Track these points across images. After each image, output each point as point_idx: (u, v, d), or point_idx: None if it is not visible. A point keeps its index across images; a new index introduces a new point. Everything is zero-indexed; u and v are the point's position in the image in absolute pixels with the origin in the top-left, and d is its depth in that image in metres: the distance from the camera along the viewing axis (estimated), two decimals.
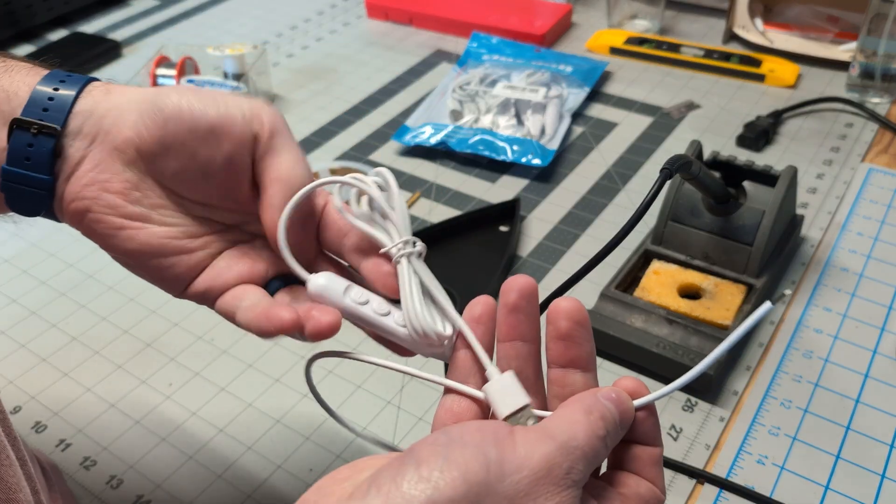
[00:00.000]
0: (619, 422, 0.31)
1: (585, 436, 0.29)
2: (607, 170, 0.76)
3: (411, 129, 0.80)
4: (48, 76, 0.37)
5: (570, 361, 0.33)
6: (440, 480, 0.26)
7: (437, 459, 0.27)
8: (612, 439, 0.31)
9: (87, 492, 0.48)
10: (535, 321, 0.34)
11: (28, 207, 0.38)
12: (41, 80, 0.37)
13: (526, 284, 0.33)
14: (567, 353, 0.33)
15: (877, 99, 0.83)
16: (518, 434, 0.28)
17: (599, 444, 0.29)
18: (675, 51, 0.92)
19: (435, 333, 0.35)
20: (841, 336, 0.57)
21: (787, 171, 0.58)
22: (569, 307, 0.32)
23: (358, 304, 0.36)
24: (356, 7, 1.11)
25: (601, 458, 0.30)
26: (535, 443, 0.28)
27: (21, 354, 0.58)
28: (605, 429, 0.30)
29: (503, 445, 0.28)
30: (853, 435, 0.50)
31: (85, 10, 1.12)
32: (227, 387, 0.55)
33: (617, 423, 0.31)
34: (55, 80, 0.37)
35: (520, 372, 0.33)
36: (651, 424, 0.33)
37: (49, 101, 0.36)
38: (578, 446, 0.29)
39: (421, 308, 0.35)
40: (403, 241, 0.36)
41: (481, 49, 0.94)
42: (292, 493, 0.48)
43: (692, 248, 0.59)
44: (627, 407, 0.32)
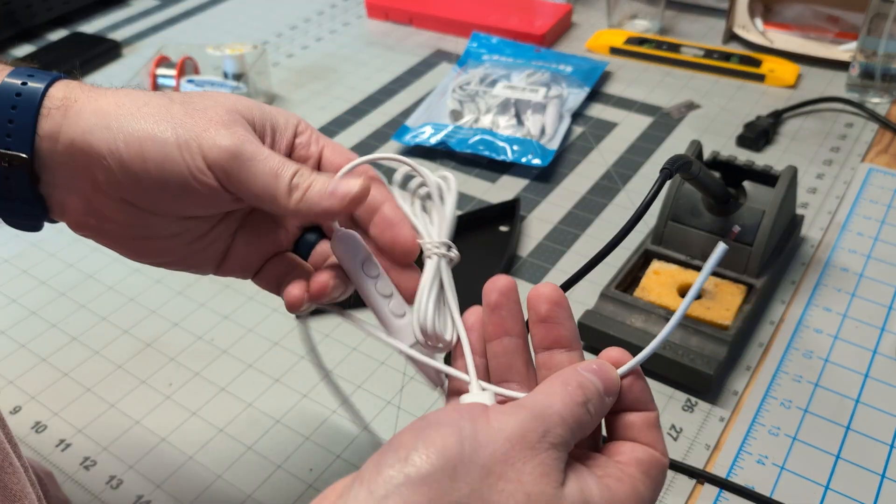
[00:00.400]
0: (603, 389, 0.32)
1: (562, 402, 0.30)
2: (607, 170, 0.76)
3: (411, 129, 0.80)
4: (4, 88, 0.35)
5: (553, 342, 0.34)
6: (417, 458, 0.27)
7: (414, 441, 0.28)
8: (595, 406, 0.31)
9: (87, 492, 0.48)
10: (518, 316, 0.35)
11: (27, 227, 0.39)
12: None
13: (505, 283, 0.35)
14: (550, 334, 0.34)
15: (877, 99, 0.83)
16: (492, 410, 0.29)
17: (580, 410, 0.30)
18: (675, 51, 0.92)
19: (436, 334, 0.35)
20: (841, 336, 0.57)
21: (787, 171, 0.58)
22: (546, 291, 0.34)
23: (366, 275, 0.37)
24: (356, 7, 1.11)
25: (586, 424, 0.31)
26: (509, 414, 0.29)
27: (21, 354, 0.58)
28: (585, 396, 0.31)
29: (477, 420, 0.28)
30: (853, 435, 0.50)
31: (85, 10, 1.12)
32: (227, 387, 0.55)
33: (600, 391, 0.31)
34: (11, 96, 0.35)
35: (510, 366, 0.34)
36: (640, 389, 0.33)
37: (9, 125, 0.35)
38: (554, 412, 0.29)
39: (433, 306, 0.36)
40: (442, 243, 0.37)
41: (481, 49, 0.94)
42: (292, 493, 0.48)
43: (692, 248, 0.59)
44: (610, 375, 0.32)
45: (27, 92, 0.35)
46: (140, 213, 0.37)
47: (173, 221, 0.38)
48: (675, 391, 0.53)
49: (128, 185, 0.36)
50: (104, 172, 0.36)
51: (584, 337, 0.56)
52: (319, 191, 0.35)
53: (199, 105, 0.36)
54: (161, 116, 0.35)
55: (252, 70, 0.84)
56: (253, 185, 0.35)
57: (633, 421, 0.33)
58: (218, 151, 0.35)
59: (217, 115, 0.36)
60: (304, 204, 0.35)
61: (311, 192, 0.35)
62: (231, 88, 0.80)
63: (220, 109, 0.36)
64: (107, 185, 0.36)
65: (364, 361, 0.56)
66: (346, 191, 0.35)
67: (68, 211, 0.38)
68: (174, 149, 0.35)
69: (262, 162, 0.35)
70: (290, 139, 0.39)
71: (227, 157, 0.35)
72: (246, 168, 0.35)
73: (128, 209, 0.37)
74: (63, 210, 0.38)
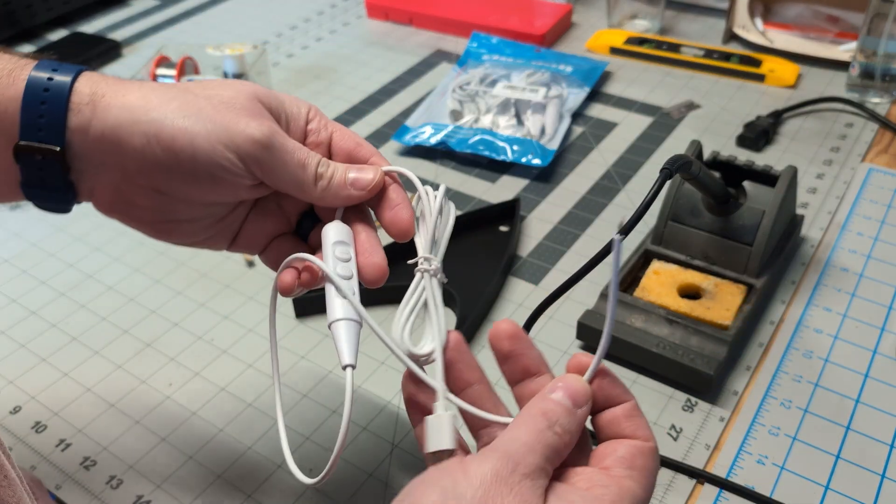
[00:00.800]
0: (573, 403, 0.33)
1: (527, 433, 0.32)
2: (607, 170, 0.76)
3: (411, 129, 0.80)
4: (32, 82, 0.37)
5: (522, 373, 0.36)
6: None
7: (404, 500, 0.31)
8: (564, 425, 0.33)
9: (87, 492, 0.48)
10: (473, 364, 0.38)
11: (58, 210, 0.41)
12: (27, 85, 0.37)
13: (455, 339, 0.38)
14: (517, 368, 0.36)
15: (877, 99, 0.83)
16: (468, 460, 0.31)
17: (547, 435, 0.32)
18: (675, 51, 0.92)
19: (407, 347, 0.37)
20: (841, 336, 0.57)
21: (787, 171, 0.58)
22: (504, 327, 0.36)
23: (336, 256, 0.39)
24: (356, 7, 1.11)
25: (558, 445, 0.32)
26: (483, 460, 0.31)
27: (21, 354, 0.58)
28: (548, 420, 0.32)
29: (455, 474, 0.31)
30: (853, 435, 0.50)
31: (85, 10, 1.12)
32: (227, 387, 0.55)
33: (568, 408, 0.33)
34: (39, 92, 0.37)
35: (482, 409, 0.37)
36: (609, 385, 0.35)
37: (40, 120, 0.37)
38: (521, 444, 0.31)
39: (405, 322, 0.38)
40: (425, 257, 0.39)
41: (481, 49, 0.94)
42: (292, 493, 0.48)
43: (692, 248, 0.59)
44: (576, 387, 0.34)
45: (54, 87, 0.37)
46: (167, 200, 0.39)
47: (198, 207, 0.40)
48: (675, 391, 0.53)
49: (158, 176, 0.38)
50: (134, 163, 0.38)
51: (584, 337, 0.56)
52: (340, 180, 0.40)
53: (224, 96, 0.38)
54: (189, 111, 0.37)
55: (252, 70, 0.84)
56: (282, 174, 0.39)
57: (613, 415, 0.34)
58: (251, 144, 0.37)
59: (242, 105, 0.38)
60: (328, 192, 0.40)
61: (335, 181, 0.40)
62: None
63: (243, 99, 0.39)
64: (136, 174, 0.38)
65: (364, 361, 0.56)
66: (367, 181, 0.40)
67: (97, 196, 0.40)
68: (204, 142, 0.37)
69: (290, 153, 0.39)
70: (303, 126, 0.42)
71: (259, 148, 0.37)
72: (276, 158, 0.38)
73: (156, 196, 0.39)
74: (92, 195, 0.40)
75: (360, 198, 0.40)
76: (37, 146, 0.37)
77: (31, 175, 0.38)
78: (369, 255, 0.40)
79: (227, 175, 0.38)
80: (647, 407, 0.52)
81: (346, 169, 0.40)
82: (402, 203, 0.41)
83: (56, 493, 0.48)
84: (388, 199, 0.41)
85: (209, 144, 0.37)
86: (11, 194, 0.39)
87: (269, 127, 0.38)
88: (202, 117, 0.37)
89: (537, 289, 0.62)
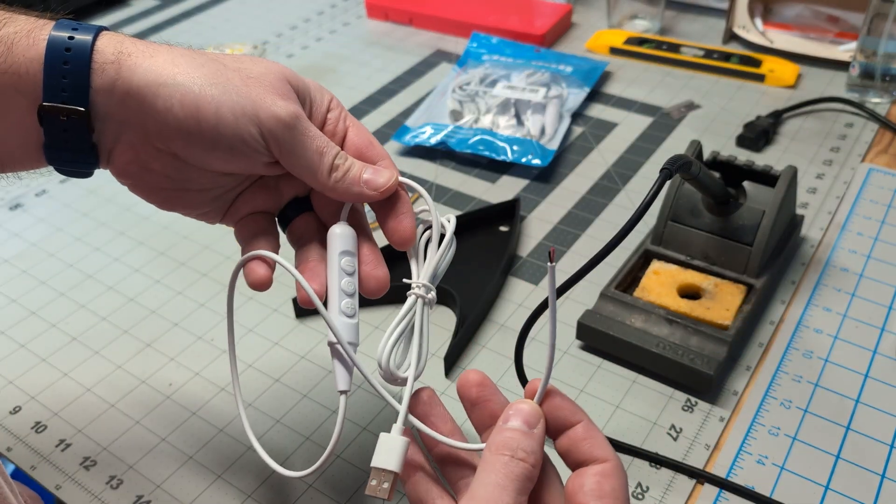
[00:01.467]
0: (526, 425, 0.35)
1: (494, 473, 0.33)
2: (607, 170, 0.76)
3: (411, 129, 0.80)
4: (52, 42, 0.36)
5: (490, 418, 0.38)
6: None
7: None
8: (525, 447, 0.34)
9: (87, 492, 0.48)
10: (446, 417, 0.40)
11: (79, 174, 0.41)
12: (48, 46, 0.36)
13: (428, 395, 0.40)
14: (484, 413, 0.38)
15: (877, 99, 0.83)
16: None
17: (512, 466, 0.34)
18: (675, 51, 0.92)
19: (389, 369, 0.39)
20: (841, 336, 0.57)
21: (787, 171, 0.58)
22: (471, 377, 0.38)
23: (341, 268, 0.40)
24: (356, 7, 1.11)
25: (524, 472, 0.34)
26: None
27: (21, 354, 0.58)
28: (509, 448, 0.34)
29: None
30: (853, 435, 0.50)
31: (85, 10, 1.12)
32: (227, 387, 0.55)
33: (524, 430, 0.35)
34: (61, 52, 0.36)
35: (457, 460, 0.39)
36: (559, 404, 0.36)
37: (64, 80, 0.36)
38: (492, 485, 0.33)
39: (393, 342, 0.39)
40: (424, 285, 0.41)
41: (481, 49, 0.94)
42: (292, 493, 0.48)
43: (692, 248, 0.59)
44: (526, 409, 0.36)
45: (76, 46, 0.36)
46: (182, 166, 0.39)
47: (209, 177, 0.41)
48: (675, 391, 0.53)
49: (178, 141, 0.38)
50: (156, 126, 0.37)
51: (584, 337, 0.56)
52: (354, 176, 0.40)
53: (254, 72, 0.39)
54: (217, 80, 0.37)
55: None
56: (300, 156, 0.39)
57: (570, 439, 0.36)
58: (275, 122, 0.38)
59: (271, 83, 0.38)
60: (340, 185, 0.40)
61: (349, 176, 0.40)
62: None
63: (272, 78, 0.39)
64: (157, 137, 0.38)
65: (364, 361, 0.56)
66: (381, 182, 0.40)
67: (115, 159, 0.40)
68: (228, 112, 0.37)
69: (311, 138, 0.39)
70: (324, 114, 0.42)
71: (283, 127, 0.38)
72: (297, 141, 0.38)
73: (172, 162, 0.39)
74: (110, 158, 0.40)
75: (371, 198, 0.40)
76: (61, 107, 0.36)
77: (55, 137, 0.37)
78: (373, 267, 0.41)
79: (246, 149, 0.38)
80: (647, 407, 0.52)
81: (363, 167, 0.40)
82: (408, 213, 0.41)
83: (56, 493, 0.48)
84: (394, 207, 0.41)
85: (233, 116, 0.37)
86: (31, 159, 0.39)
87: (294, 108, 0.38)
88: (230, 88, 0.37)
89: (537, 289, 0.62)
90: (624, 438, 0.50)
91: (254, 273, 0.40)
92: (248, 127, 0.37)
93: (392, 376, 0.39)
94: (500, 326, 0.59)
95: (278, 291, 0.61)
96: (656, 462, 0.49)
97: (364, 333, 0.58)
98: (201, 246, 0.68)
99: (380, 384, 0.38)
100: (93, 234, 0.70)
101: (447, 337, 0.58)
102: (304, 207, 0.44)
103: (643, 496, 0.47)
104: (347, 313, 0.39)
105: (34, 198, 0.75)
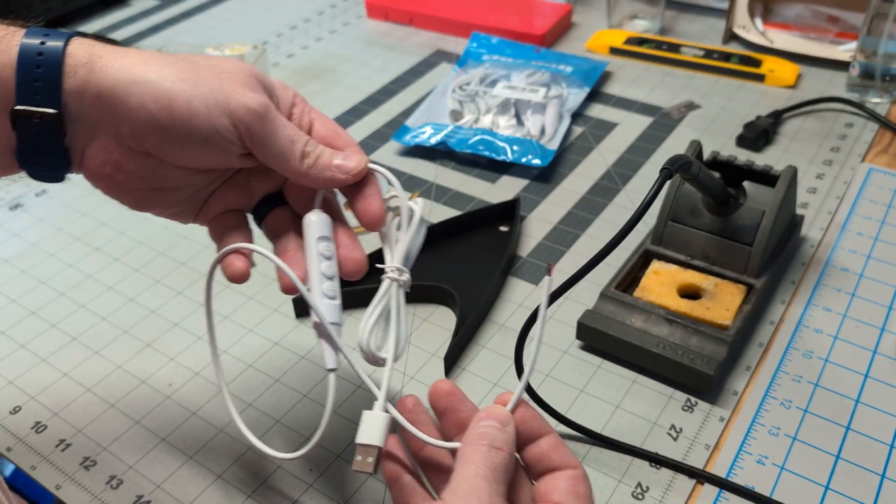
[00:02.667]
0: (500, 424, 0.37)
1: (475, 464, 0.35)
2: (607, 170, 0.76)
3: (411, 129, 0.80)
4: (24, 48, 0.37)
5: (458, 427, 0.39)
6: None
7: None
8: (499, 441, 0.36)
9: (87, 492, 0.48)
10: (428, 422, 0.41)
11: (51, 179, 0.41)
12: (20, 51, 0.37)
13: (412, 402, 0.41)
14: (453, 421, 0.39)
15: (877, 99, 0.83)
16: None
17: (490, 455, 0.35)
18: (675, 51, 0.92)
19: (370, 350, 0.41)
20: (841, 336, 0.57)
21: (787, 171, 0.58)
22: (441, 387, 0.40)
23: (319, 253, 0.42)
24: (356, 7, 1.11)
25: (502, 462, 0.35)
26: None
27: (21, 354, 0.58)
28: (488, 439, 0.36)
29: None
30: (853, 435, 0.50)
31: (85, 10, 1.12)
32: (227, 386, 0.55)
33: (498, 427, 0.37)
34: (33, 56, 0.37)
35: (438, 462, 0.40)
36: (530, 416, 0.38)
37: (36, 83, 0.37)
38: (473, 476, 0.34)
39: (372, 324, 0.41)
40: (397, 268, 0.42)
41: (481, 49, 0.94)
42: (292, 492, 0.48)
43: (692, 248, 0.59)
44: (498, 412, 0.38)
45: (48, 51, 0.37)
46: (156, 165, 0.40)
47: (183, 175, 0.41)
48: (675, 391, 0.53)
49: (152, 138, 0.38)
50: (128, 125, 0.38)
51: (584, 337, 0.56)
52: (325, 162, 0.41)
53: (224, 67, 0.40)
54: (188, 76, 0.38)
55: None
56: (272, 145, 0.40)
57: (540, 449, 0.37)
58: (246, 111, 0.39)
59: (241, 78, 0.40)
60: (312, 170, 0.41)
61: (320, 162, 0.41)
62: None
63: (241, 73, 0.40)
64: (130, 137, 0.38)
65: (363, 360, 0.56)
66: (352, 166, 0.42)
67: (87, 162, 0.40)
68: (201, 105, 0.38)
69: (282, 127, 0.40)
70: (289, 108, 0.43)
71: (254, 117, 0.39)
72: (268, 130, 0.39)
73: (145, 161, 0.39)
74: (82, 161, 0.40)
75: (342, 182, 0.42)
76: (34, 110, 0.37)
77: (28, 141, 0.38)
78: (350, 250, 0.42)
79: (220, 140, 0.39)
80: (647, 407, 0.52)
81: (333, 153, 0.42)
82: (376, 195, 0.43)
83: (56, 493, 0.48)
84: (363, 190, 0.43)
85: (206, 109, 0.38)
86: (3, 165, 0.40)
87: (264, 99, 0.40)
88: (201, 82, 0.38)
89: (537, 289, 0.62)
90: (624, 438, 0.50)
91: (232, 266, 0.41)
92: (220, 118, 0.38)
93: (373, 357, 0.41)
94: (500, 326, 0.59)
95: (278, 291, 0.61)
96: (656, 462, 0.49)
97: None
98: (201, 246, 0.68)
99: (363, 369, 0.40)
100: (93, 234, 0.70)
101: (447, 337, 0.58)
102: (277, 203, 0.45)
103: (643, 496, 0.47)
104: (329, 295, 0.41)
105: (34, 198, 0.75)
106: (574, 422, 0.50)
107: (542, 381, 0.54)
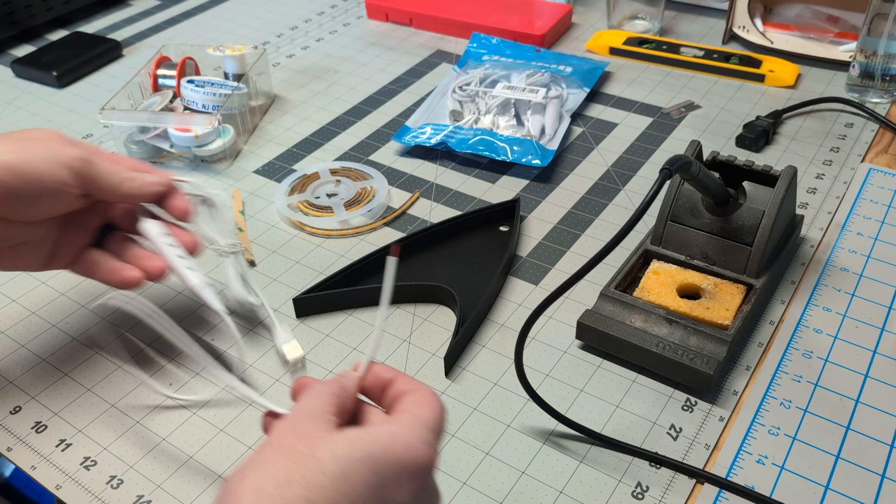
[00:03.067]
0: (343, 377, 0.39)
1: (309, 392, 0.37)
2: (607, 170, 0.76)
3: (411, 130, 0.80)
4: None
5: None
6: None
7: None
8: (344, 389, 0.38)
9: (87, 492, 0.48)
10: None
11: None
12: None
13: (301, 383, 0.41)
14: None
15: (877, 99, 0.83)
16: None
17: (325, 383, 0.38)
18: (674, 51, 0.92)
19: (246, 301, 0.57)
20: (841, 336, 0.57)
21: (787, 172, 0.58)
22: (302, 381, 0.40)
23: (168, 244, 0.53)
24: (356, 7, 1.12)
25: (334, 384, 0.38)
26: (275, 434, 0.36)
27: (21, 354, 0.58)
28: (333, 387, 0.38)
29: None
30: (853, 435, 0.50)
31: (85, 10, 1.12)
32: (227, 386, 0.55)
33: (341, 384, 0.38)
34: None
35: None
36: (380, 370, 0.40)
37: None
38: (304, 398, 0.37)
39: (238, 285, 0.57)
40: (230, 243, 0.58)
41: (481, 49, 0.94)
42: None
43: (692, 248, 0.59)
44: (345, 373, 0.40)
45: None
46: (9, 225, 0.49)
47: (29, 229, 0.50)
48: (675, 391, 0.53)
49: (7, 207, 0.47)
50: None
51: (584, 337, 0.56)
52: (144, 181, 0.53)
53: (39, 136, 0.50)
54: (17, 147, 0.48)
55: (252, 70, 0.84)
56: (102, 179, 0.50)
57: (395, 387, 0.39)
58: (79, 161, 0.49)
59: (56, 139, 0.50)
60: (138, 190, 0.52)
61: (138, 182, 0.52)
62: (231, 89, 0.80)
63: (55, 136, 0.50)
64: None
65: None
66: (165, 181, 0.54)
67: None
68: (44, 163, 0.48)
69: (105, 165, 0.51)
70: None
71: (83, 163, 0.49)
72: (97, 169, 0.50)
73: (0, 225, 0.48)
74: None
75: (160, 192, 0.53)
76: None
77: None
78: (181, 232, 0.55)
79: (64, 187, 0.48)
80: (647, 407, 0.52)
81: (144, 174, 0.53)
82: (181, 196, 0.54)
83: (56, 493, 0.48)
84: (171, 196, 0.54)
85: (48, 165, 0.48)
86: None
87: (86, 147, 0.50)
88: (34, 149, 0.48)
89: (537, 289, 0.62)
90: (624, 438, 0.50)
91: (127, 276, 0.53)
92: (60, 171, 0.48)
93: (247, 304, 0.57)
94: (500, 326, 0.59)
95: (278, 291, 0.61)
96: (656, 462, 0.49)
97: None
98: None
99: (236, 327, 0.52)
100: None
101: (447, 337, 0.58)
102: (109, 229, 0.55)
103: (643, 496, 0.47)
104: (192, 269, 0.52)
105: None
106: (574, 421, 0.50)
107: (542, 380, 0.54)
